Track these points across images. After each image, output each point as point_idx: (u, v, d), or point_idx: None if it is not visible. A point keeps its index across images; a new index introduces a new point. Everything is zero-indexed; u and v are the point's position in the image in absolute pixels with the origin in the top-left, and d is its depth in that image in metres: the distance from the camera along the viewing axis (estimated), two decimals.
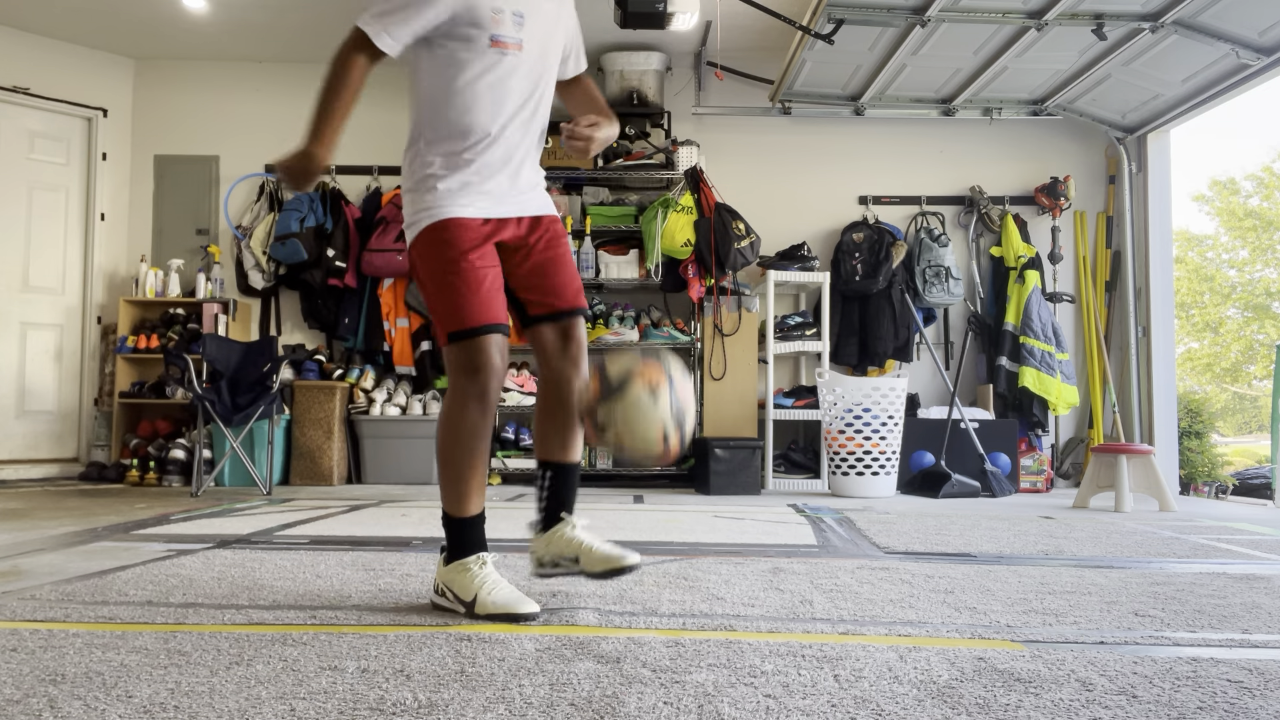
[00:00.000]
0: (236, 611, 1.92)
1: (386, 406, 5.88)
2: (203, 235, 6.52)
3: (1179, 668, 1.54)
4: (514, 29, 2.00)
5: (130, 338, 6.11)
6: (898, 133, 6.55)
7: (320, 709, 1.28)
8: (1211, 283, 19.98)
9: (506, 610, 1.87)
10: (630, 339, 5.91)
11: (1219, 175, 26.22)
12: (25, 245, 6.14)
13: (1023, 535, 3.41)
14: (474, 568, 1.96)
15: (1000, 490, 5.40)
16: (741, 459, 5.41)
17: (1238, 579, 2.47)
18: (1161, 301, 6.27)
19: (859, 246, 6.19)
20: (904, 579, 2.39)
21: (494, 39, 1.97)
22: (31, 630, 1.73)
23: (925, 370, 6.39)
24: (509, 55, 2.00)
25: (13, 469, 5.99)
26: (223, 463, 5.33)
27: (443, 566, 2.01)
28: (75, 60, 6.33)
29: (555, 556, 2.06)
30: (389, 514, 3.97)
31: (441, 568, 2.01)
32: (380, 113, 6.60)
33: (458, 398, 1.96)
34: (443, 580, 1.99)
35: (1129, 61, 5.44)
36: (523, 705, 1.30)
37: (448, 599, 1.97)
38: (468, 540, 1.99)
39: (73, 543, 3.00)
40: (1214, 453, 7.32)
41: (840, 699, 1.35)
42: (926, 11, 4.89)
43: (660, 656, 1.57)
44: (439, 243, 1.97)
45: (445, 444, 1.98)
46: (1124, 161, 6.33)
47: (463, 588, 1.94)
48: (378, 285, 6.19)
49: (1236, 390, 21.09)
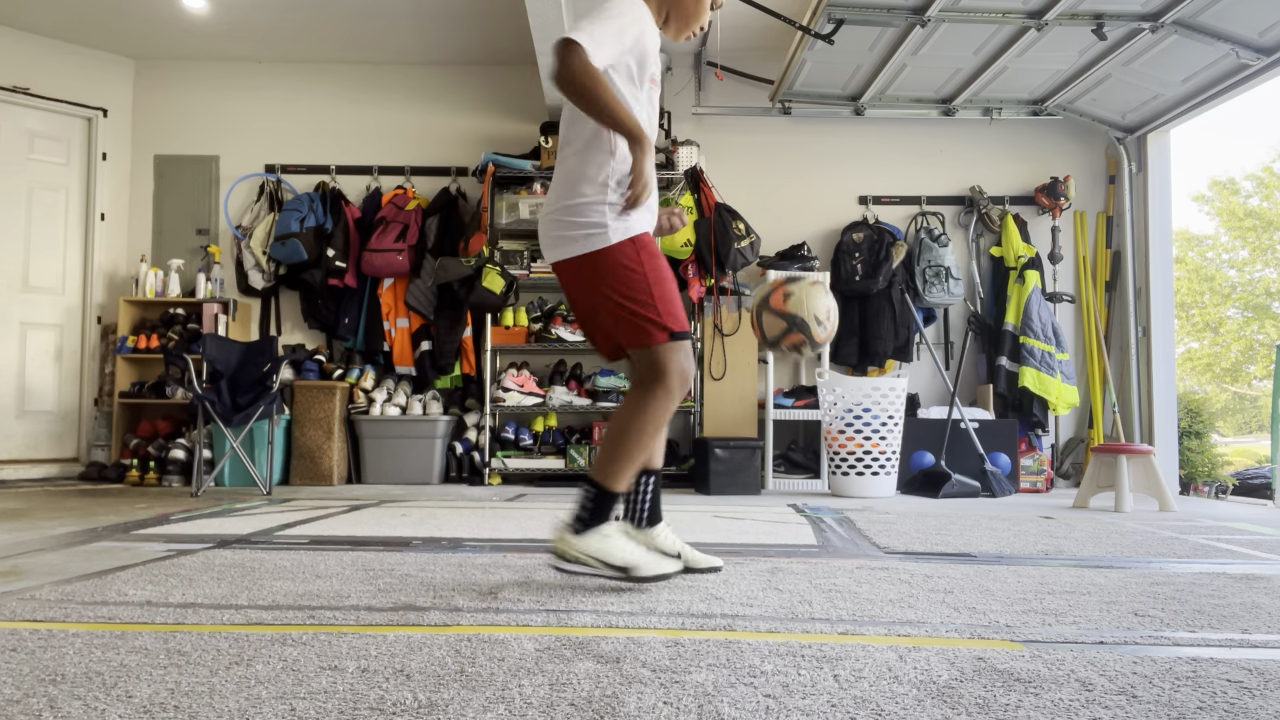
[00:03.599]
0: (236, 611, 1.92)
1: (386, 406, 5.88)
2: (203, 235, 6.52)
3: (1179, 668, 1.54)
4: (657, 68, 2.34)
5: (130, 338, 6.11)
6: (898, 133, 6.55)
7: (320, 709, 1.28)
8: (1211, 283, 19.98)
9: (659, 572, 2.13)
10: None
11: (1219, 175, 26.24)
12: (25, 245, 6.15)
13: (1023, 535, 3.41)
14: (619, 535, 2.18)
15: (1000, 490, 5.40)
16: (741, 459, 5.41)
17: (1238, 579, 2.47)
18: (1161, 301, 6.27)
19: (859, 246, 6.19)
20: (904, 579, 2.39)
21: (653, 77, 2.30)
22: (31, 630, 1.73)
23: (925, 370, 6.39)
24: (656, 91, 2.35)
25: (13, 469, 5.99)
26: (223, 463, 5.33)
27: (575, 537, 2.15)
28: (75, 60, 6.33)
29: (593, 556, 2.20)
30: (389, 514, 3.97)
31: (574, 538, 2.15)
32: (380, 113, 6.63)
33: (664, 390, 2.17)
34: (581, 549, 2.14)
35: (1129, 61, 5.44)
36: (523, 705, 1.30)
37: (589, 565, 2.13)
38: (609, 512, 2.18)
39: (73, 543, 3.00)
40: (1214, 453, 7.31)
41: (840, 699, 1.35)
42: (926, 11, 4.89)
43: (660, 656, 1.57)
44: (655, 252, 2.23)
45: (637, 427, 2.16)
46: (1124, 161, 6.33)
47: (612, 554, 2.13)
48: (378, 285, 6.19)
49: (1236, 390, 21.09)
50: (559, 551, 2.16)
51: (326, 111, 6.61)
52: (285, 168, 6.53)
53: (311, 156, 6.56)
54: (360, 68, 6.62)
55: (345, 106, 6.61)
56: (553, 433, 5.95)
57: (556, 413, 6.07)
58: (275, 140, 6.60)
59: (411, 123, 6.60)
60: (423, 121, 6.60)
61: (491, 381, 5.95)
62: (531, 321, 6.04)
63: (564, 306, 6.19)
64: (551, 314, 6.11)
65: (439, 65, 6.60)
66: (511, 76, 6.56)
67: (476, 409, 6.14)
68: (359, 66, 6.62)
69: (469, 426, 6.07)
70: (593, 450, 5.83)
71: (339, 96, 6.62)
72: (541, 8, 4.75)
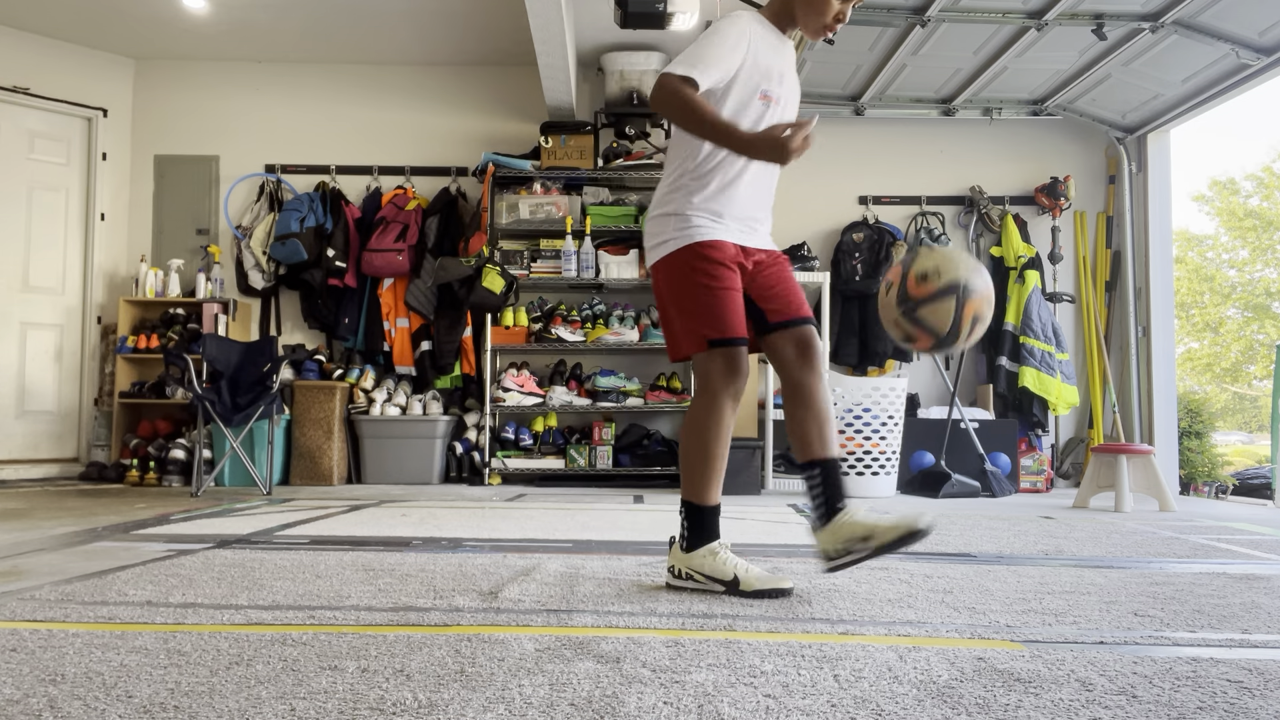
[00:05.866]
0: (236, 611, 1.92)
1: (386, 406, 5.88)
2: (203, 235, 6.52)
3: (1179, 668, 1.54)
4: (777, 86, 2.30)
5: (130, 338, 6.11)
6: (898, 133, 6.55)
7: (320, 709, 1.28)
8: (1211, 283, 19.98)
9: (772, 586, 2.13)
10: (630, 339, 5.91)
11: (1219, 175, 26.24)
12: (25, 245, 6.15)
13: (1022, 535, 3.41)
14: (721, 552, 2.20)
15: (1000, 490, 5.40)
16: (741, 459, 5.41)
17: (1237, 579, 2.47)
18: (1161, 301, 6.27)
19: (859, 246, 6.19)
20: (903, 579, 2.39)
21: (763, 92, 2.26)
22: (31, 630, 1.73)
23: (925, 370, 6.39)
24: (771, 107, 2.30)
25: (13, 469, 5.99)
26: (223, 463, 5.33)
27: (683, 553, 2.23)
28: (75, 60, 6.33)
29: (845, 543, 2.11)
30: (389, 514, 3.97)
31: (681, 554, 2.23)
32: (380, 113, 6.63)
33: (707, 395, 2.20)
34: (686, 565, 2.22)
35: (1129, 61, 5.44)
36: (523, 705, 1.30)
37: (696, 581, 2.20)
38: (710, 527, 2.22)
39: (73, 543, 3.00)
40: (1214, 453, 7.31)
41: (840, 699, 1.35)
42: (926, 11, 4.90)
43: (660, 656, 1.57)
44: (717, 259, 2.21)
45: (702, 439, 2.21)
46: (1124, 161, 6.33)
47: (717, 570, 2.17)
48: (378, 285, 6.19)
49: (1236, 390, 21.09)
50: (670, 567, 2.26)
51: (326, 111, 6.61)
52: (285, 168, 6.53)
53: (311, 156, 6.56)
54: (360, 68, 6.62)
55: (345, 106, 6.61)
56: (553, 433, 5.95)
57: (556, 413, 6.07)
58: (275, 140, 6.60)
59: (411, 123, 6.60)
60: (423, 121, 6.60)
61: (491, 381, 5.95)
62: (531, 321, 6.04)
63: (564, 306, 6.20)
64: (551, 314, 6.11)
65: (439, 65, 6.60)
66: (511, 76, 6.56)
67: (476, 409, 6.14)
68: (359, 66, 6.62)
69: (469, 426, 6.07)
70: (593, 450, 5.83)
71: (339, 96, 6.62)
72: (541, 8, 4.75)
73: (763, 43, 2.26)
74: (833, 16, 2.26)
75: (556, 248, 5.97)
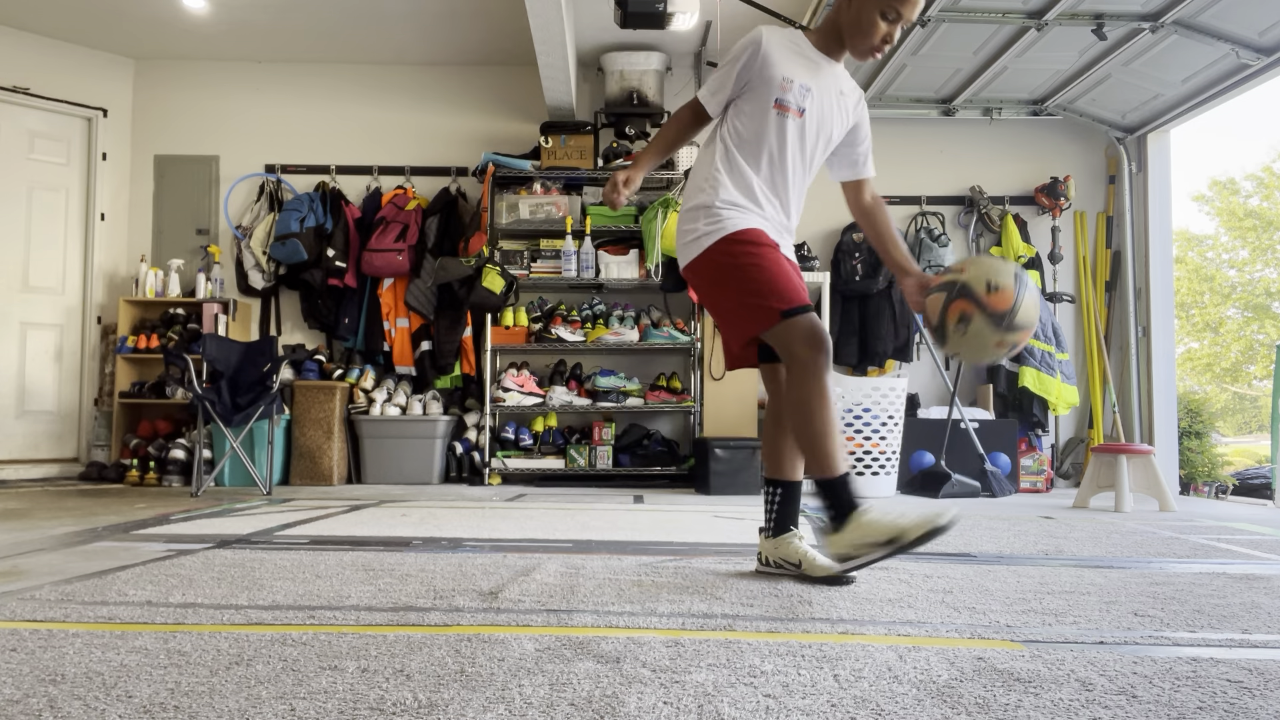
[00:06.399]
0: (236, 611, 1.92)
1: (386, 406, 5.88)
2: (203, 235, 6.52)
3: (1179, 668, 1.54)
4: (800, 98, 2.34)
5: (130, 338, 6.11)
6: (898, 133, 6.55)
7: (320, 709, 1.28)
8: (1211, 283, 19.98)
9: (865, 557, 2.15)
10: (630, 339, 5.91)
11: (1219, 175, 26.24)
12: (25, 245, 6.15)
13: (1022, 535, 3.41)
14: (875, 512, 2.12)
15: (1000, 490, 5.40)
16: (741, 459, 5.41)
17: (1237, 579, 2.47)
18: (1161, 301, 6.28)
19: (859, 246, 6.19)
20: (903, 579, 2.39)
21: (778, 101, 2.33)
22: (31, 630, 1.73)
23: (925, 370, 6.39)
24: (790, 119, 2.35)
25: (13, 469, 5.99)
26: (223, 463, 5.33)
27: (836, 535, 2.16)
28: (75, 60, 6.33)
29: (780, 559, 2.37)
30: (389, 514, 3.97)
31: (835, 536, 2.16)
32: (380, 113, 6.63)
33: (799, 364, 2.18)
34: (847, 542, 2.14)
35: (1129, 61, 5.44)
36: (523, 705, 1.30)
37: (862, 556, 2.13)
38: (848, 495, 2.15)
39: (73, 543, 3.00)
40: (1214, 453, 7.31)
41: (840, 699, 1.35)
42: (926, 11, 4.89)
43: (660, 656, 1.57)
44: (759, 242, 2.27)
45: (812, 410, 2.16)
46: (1124, 161, 6.33)
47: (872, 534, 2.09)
48: (378, 285, 6.19)
49: (1236, 390, 21.09)
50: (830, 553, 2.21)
51: (326, 111, 6.61)
52: (285, 168, 6.53)
53: (311, 156, 6.56)
54: (360, 68, 6.62)
55: (345, 106, 6.61)
56: (553, 433, 5.95)
57: (556, 413, 6.07)
58: (275, 140, 6.60)
59: (411, 123, 6.60)
60: (423, 121, 6.60)
61: (491, 381, 5.95)
62: (531, 321, 6.04)
63: (564, 306, 6.20)
64: (551, 314, 6.11)
65: (439, 65, 6.60)
66: (511, 76, 6.56)
67: (476, 409, 6.14)
68: (359, 66, 6.62)
69: (469, 426, 6.07)
70: (593, 450, 5.83)
71: (339, 96, 6.62)
72: (541, 8, 4.75)
73: (780, 53, 2.31)
74: (880, 39, 2.31)
75: (556, 248, 5.97)
